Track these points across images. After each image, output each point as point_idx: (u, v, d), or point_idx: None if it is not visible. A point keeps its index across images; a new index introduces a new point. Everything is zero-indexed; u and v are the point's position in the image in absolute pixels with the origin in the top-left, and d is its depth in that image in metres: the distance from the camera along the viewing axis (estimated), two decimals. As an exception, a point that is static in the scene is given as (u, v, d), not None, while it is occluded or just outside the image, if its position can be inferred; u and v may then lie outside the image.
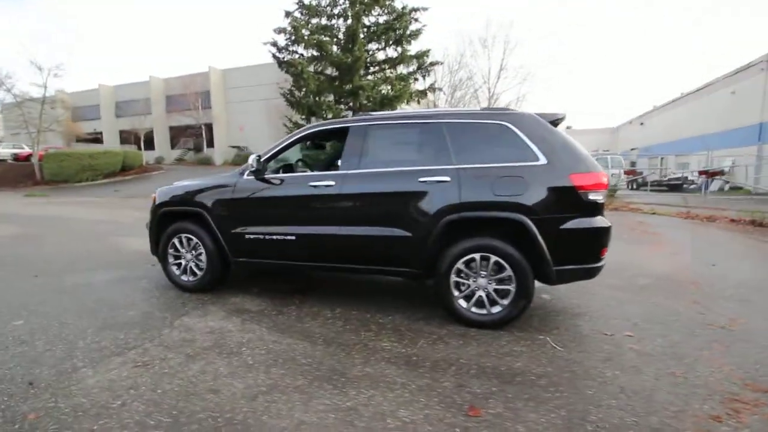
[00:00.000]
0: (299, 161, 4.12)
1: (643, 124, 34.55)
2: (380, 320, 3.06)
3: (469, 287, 2.89)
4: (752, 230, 8.00)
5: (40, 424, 1.81)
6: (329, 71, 18.84)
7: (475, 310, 2.88)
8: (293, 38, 18.31)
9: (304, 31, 17.93)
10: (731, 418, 1.90)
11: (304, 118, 19.02)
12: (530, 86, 53.72)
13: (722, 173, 15.52)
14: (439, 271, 2.90)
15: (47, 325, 2.93)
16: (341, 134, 3.52)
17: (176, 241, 3.69)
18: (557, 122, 3.01)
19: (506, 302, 2.81)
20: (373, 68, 19.30)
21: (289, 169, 3.85)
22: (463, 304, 2.91)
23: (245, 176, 3.43)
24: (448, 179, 2.85)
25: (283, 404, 1.97)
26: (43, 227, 7.76)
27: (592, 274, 2.81)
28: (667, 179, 19.08)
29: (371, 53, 18.93)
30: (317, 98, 18.05)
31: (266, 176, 3.38)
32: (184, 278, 3.71)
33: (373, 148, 3.16)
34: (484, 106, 25.83)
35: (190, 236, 3.62)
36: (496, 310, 2.84)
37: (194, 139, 30.72)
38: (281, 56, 19.06)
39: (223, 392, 2.07)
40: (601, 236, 2.73)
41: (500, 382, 2.18)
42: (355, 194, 3.07)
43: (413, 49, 18.53)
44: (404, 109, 18.02)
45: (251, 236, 3.37)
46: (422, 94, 19.05)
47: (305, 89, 18.13)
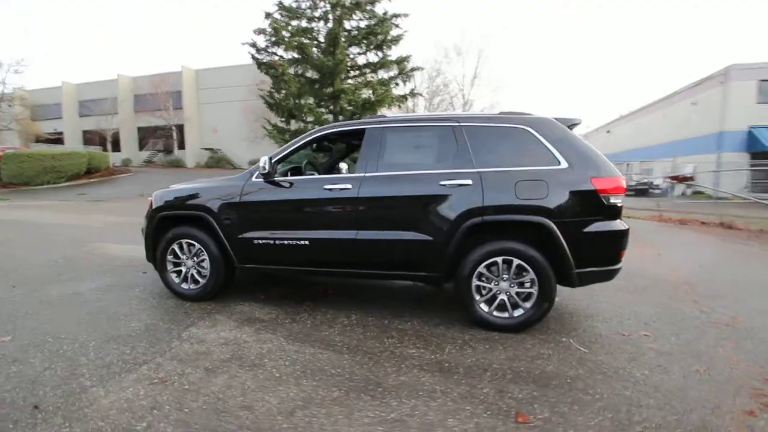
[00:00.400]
0: (308, 164, 4.00)
1: (609, 132, 36.27)
2: (399, 326, 2.99)
3: (490, 291, 2.88)
4: (722, 232, 8.50)
5: (58, 451, 1.64)
6: (310, 74, 18.60)
7: (497, 313, 2.87)
8: (274, 40, 17.96)
9: (284, 32, 17.64)
10: (764, 412, 1.96)
11: (283, 120, 18.66)
12: (503, 94, 55.36)
13: (692, 179, 16.39)
14: (460, 275, 2.87)
15: (40, 340, 2.68)
16: (356, 136, 3.45)
17: (176, 247, 3.48)
18: (572, 127, 3.06)
19: (528, 305, 2.82)
20: (353, 72, 19.22)
21: (296, 171, 3.73)
22: (484, 308, 2.89)
23: (254, 178, 3.29)
24: (470, 183, 2.84)
25: (324, 418, 1.87)
26: (10, 233, 7.17)
27: (611, 276, 2.86)
28: (635, 184, 20.00)
29: (352, 57, 18.85)
30: (297, 101, 17.76)
31: (277, 179, 3.26)
32: (184, 286, 3.50)
33: (390, 150, 3.10)
34: (459, 111, 26.33)
35: (191, 242, 3.43)
36: (518, 313, 2.84)
37: (164, 140, 29.61)
38: (261, 57, 18.65)
39: (256, 408, 1.94)
40: (621, 239, 2.78)
41: (538, 386, 2.17)
42: (374, 197, 3.00)
43: (394, 54, 18.59)
44: (384, 113, 18.06)
45: (261, 241, 3.23)
46: (403, 98, 19.13)
47: (286, 91, 17.81)
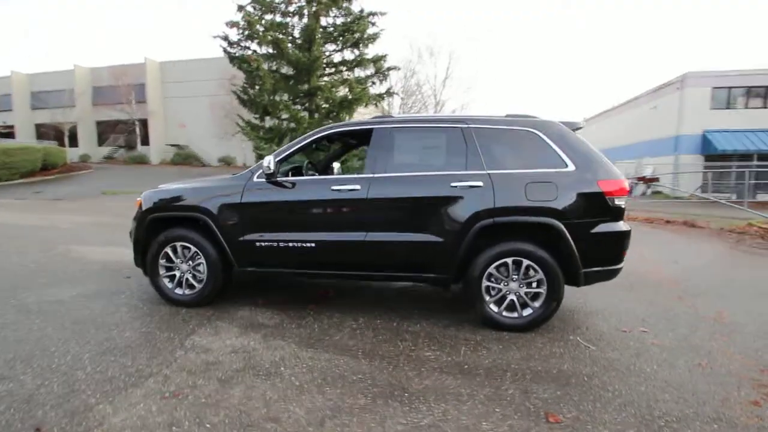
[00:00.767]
0: (309, 164, 3.89)
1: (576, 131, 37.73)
2: (410, 329, 2.97)
3: (500, 291, 2.92)
4: (687, 230, 9.04)
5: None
6: (285, 70, 18.21)
7: (506, 313, 2.91)
8: (247, 33, 17.43)
9: (258, 26, 17.15)
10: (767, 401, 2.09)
11: (257, 117, 18.17)
12: (473, 95, 56.49)
13: (658, 179, 17.32)
14: (471, 276, 2.89)
15: (27, 353, 2.45)
16: (359, 136, 3.40)
17: (169, 250, 3.30)
18: (575, 130, 3.14)
19: (537, 305, 2.87)
20: (330, 69, 18.99)
21: (296, 171, 3.62)
22: (494, 308, 2.92)
23: (256, 178, 3.16)
24: (481, 184, 2.85)
25: (357, 427, 1.82)
26: (-39, 236, 6.57)
27: (613, 275, 2.96)
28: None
29: (328, 54, 18.62)
30: (272, 97, 17.34)
31: (280, 179, 3.15)
32: (178, 292, 3.32)
33: (399, 151, 3.07)
34: (432, 112, 26.63)
35: (186, 245, 3.26)
36: (526, 312, 2.89)
37: (126, 135, 28.11)
38: (233, 51, 18.06)
39: (283, 420, 1.86)
40: (624, 239, 2.89)
41: (559, 385, 2.21)
42: (383, 199, 2.96)
43: (371, 53, 18.52)
44: (361, 112, 18.00)
45: (263, 244, 3.11)
46: (380, 98, 19.10)
47: (260, 87, 17.33)
